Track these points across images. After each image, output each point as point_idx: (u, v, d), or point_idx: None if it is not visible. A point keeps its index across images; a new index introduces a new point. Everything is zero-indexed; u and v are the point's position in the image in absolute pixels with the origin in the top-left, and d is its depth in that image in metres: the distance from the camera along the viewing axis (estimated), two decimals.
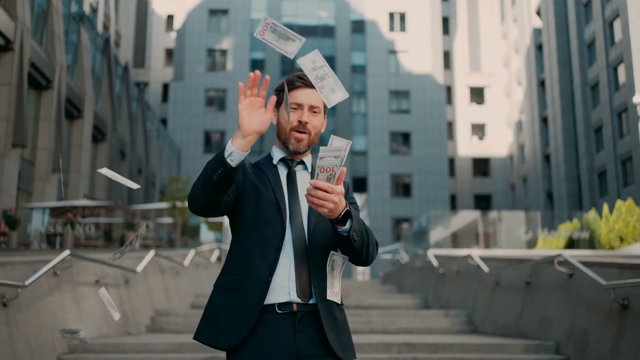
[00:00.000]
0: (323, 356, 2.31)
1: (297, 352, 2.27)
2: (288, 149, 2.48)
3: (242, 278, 2.32)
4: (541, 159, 48.58)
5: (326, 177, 2.16)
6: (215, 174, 2.16)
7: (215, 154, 2.21)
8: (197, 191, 2.23)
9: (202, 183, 2.20)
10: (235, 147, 2.16)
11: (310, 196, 2.18)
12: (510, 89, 56.08)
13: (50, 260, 6.76)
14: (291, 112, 2.45)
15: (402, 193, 48.73)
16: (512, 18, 56.00)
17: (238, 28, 51.00)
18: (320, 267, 2.36)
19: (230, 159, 2.14)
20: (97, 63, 31.84)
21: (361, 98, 50.81)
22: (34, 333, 6.23)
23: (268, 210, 2.37)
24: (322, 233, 2.39)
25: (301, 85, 2.48)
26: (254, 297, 2.28)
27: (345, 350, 2.36)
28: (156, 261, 11.12)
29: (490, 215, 28.24)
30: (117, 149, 32.67)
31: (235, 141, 2.17)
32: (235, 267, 2.37)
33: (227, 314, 2.31)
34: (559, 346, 7.05)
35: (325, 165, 2.14)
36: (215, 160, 2.18)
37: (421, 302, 12.81)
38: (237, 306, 2.30)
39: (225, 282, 2.39)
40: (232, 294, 2.32)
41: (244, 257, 2.36)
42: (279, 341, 2.27)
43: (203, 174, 2.21)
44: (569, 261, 7.10)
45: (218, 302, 2.36)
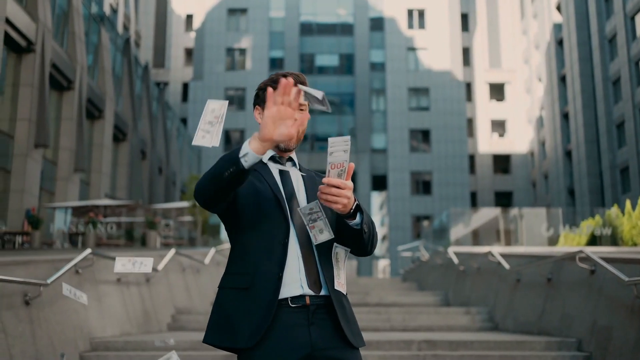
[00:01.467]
0: (337, 348, 2.32)
1: (312, 345, 2.28)
2: (278, 146, 2.48)
3: (251, 277, 2.31)
4: (562, 155, 48.18)
5: (337, 173, 2.19)
6: (226, 171, 2.14)
7: (230, 151, 2.19)
8: (205, 184, 2.23)
9: (211, 177, 2.20)
10: (252, 148, 2.13)
11: (323, 194, 2.21)
12: (531, 85, 55.66)
13: (72, 259, 6.82)
14: None
15: (422, 190, 48.56)
16: (532, 13, 55.56)
17: (257, 27, 51.09)
18: (326, 258, 2.39)
19: (244, 159, 2.12)
20: (118, 63, 32.07)
21: (380, 96, 50.70)
22: (57, 331, 6.29)
23: (268, 207, 2.37)
24: None
25: None
26: (268, 294, 2.27)
27: (357, 339, 2.38)
28: (177, 259, 11.18)
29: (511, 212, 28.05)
30: (137, 148, 32.89)
31: (252, 143, 2.14)
32: (241, 266, 2.35)
33: (240, 314, 2.28)
34: (581, 343, 6.99)
35: (336, 161, 2.17)
36: (228, 157, 2.16)
37: (442, 300, 12.76)
38: (250, 305, 2.28)
39: (233, 282, 2.36)
40: (243, 293, 2.30)
41: (249, 256, 2.35)
42: (294, 335, 2.27)
43: (214, 169, 2.19)
44: (590, 257, 7.04)
45: (228, 303, 2.33)
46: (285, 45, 51.17)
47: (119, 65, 32.27)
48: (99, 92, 28.17)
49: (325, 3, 52.57)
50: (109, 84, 29.22)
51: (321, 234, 2.30)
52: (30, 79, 21.24)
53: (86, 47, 26.82)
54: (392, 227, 47.49)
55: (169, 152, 40.11)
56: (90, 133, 27.93)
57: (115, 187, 31.29)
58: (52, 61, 22.75)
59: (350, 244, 2.42)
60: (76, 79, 24.77)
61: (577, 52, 45.53)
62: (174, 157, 41.92)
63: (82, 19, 26.30)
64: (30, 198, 21.03)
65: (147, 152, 35.32)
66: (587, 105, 44.48)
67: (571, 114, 46.64)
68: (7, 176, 20.70)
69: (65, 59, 24.19)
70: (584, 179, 44.17)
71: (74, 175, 24.76)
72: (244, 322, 2.26)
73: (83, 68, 25.42)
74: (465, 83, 53.45)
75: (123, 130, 31.52)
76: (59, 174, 24.27)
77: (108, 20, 31.39)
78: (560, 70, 49.35)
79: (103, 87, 28.68)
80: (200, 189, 2.26)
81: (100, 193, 27.65)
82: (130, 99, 32.66)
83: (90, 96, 26.70)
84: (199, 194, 2.27)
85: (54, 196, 24.00)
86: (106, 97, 28.69)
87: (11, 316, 5.48)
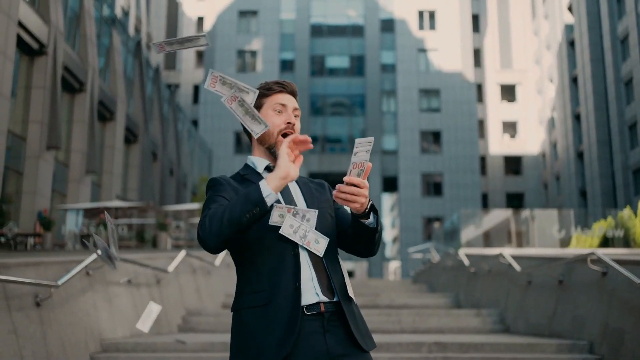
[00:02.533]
0: (351, 354, 2.31)
1: (328, 352, 2.26)
2: (274, 155, 2.46)
3: (268, 293, 2.27)
4: (574, 156, 47.95)
5: (357, 173, 2.21)
6: (248, 213, 2.12)
7: (243, 194, 2.17)
8: (220, 229, 2.15)
9: (229, 222, 2.14)
10: (272, 187, 2.14)
11: (342, 193, 2.21)
12: (542, 86, 55.45)
13: (82, 260, 6.85)
14: (276, 115, 2.47)
15: (433, 192, 48.48)
16: (543, 14, 55.35)
17: (267, 29, 51.18)
18: (332, 263, 2.39)
19: (267, 199, 2.13)
20: (129, 65, 32.21)
21: (391, 97, 50.66)
22: (67, 332, 6.31)
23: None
24: (325, 231, 2.40)
25: (281, 90, 2.51)
26: (288, 306, 2.24)
27: (368, 342, 2.37)
28: (187, 261, 11.20)
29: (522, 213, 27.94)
30: (148, 150, 33.00)
31: (271, 182, 2.14)
32: (256, 284, 2.31)
33: (262, 331, 2.24)
34: (593, 346, 6.95)
35: (358, 161, 2.19)
36: (248, 200, 2.14)
37: (452, 302, 12.72)
38: (272, 320, 2.24)
39: (249, 302, 2.31)
40: (261, 310, 2.26)
41: (262, 272, 2.31)
42: (311, 344, 2.25)
43: (230, 214, 2.14)
44: (602, 259, 6.99)
45: (248, 322, 2.28)
46: (295, 47, 51.22)
47: (130, 67, 32.39)
48: (111, 94, 28.29)
49: (336, 5, 52.60)
50: (121, 86, 29.34)
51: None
52: (42, 82, 21.37)
53: (98, 49, 26.94)
54: (402, 229, 47.42)
55: (179, 153, 40.22)
56: (101, 135, 28.06)
57: (127, 188, 31.41)
58: (64, 63, 22.87)
59: (360, 244, 2.42)
60: (88, 81, 24.89)
61: (588, 52, 45.32)
62: (184, 159, 42.03)
63: (93, 22, 26.42)
64: (42, 200, 21.15)
65: (158, 153, 35.43)
66: (599, 106, 44.26)
67: (583, 115, 46.42)
68: (20, 178, 20.82)
69: (77, 62, 24.31)
70: (596, 180, 43.94)
71: (85, 177, 24.87)
72: (267, 339, 2.22)
73: (95, 70, 25.54)
74: (476, 84, 53.33)
75: (134, 132, 31.64)
76: (70, 176, 24.39)
77: (119, 23, 31.53)
78: (571, 71, 49.13)
79: (114, 89, 28.81)
80: (214, 234, 2.17)
81: (112, 195, 27.76)
82: (141, 101, 32.78)
83: (102, 98, 26.82)
84: (213, 239, 2.18)
85: (66, 198, 24.12)
86: (117, 99, 28.81)
87: (22, 317, 5.50)
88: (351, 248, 2.49)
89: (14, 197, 20.19)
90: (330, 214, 2.49)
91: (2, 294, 5.31)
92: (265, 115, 2.46)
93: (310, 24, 52.00)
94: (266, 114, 2.46)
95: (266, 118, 2.45)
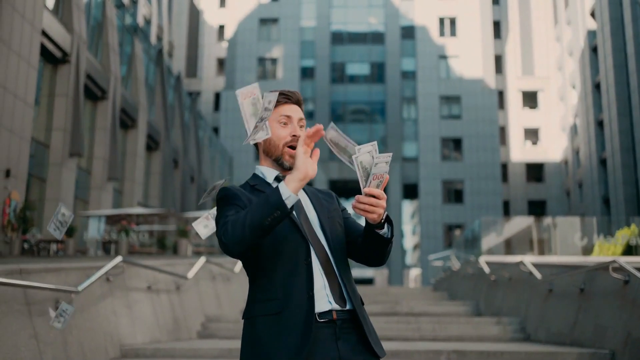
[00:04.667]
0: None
1: (340, 359, 2.27)
2: (282, 165, 2.47)
3: (281, 301, 2.28)
4: (597, 163, 47.46)
5: (376, 184, 2.23)
6: (269, 217, 2.12)
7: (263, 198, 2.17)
8: (243, 235, 2.15)
9: (250, 227, 2.14)
10: (292, 189, 2.14)
11: (361, 204, 2.22)
12: (565, 93, 55.00)
13: (103, 267, 6.90)
14: (281, 127, 2.47)
15: (454, 199, 48.25)
16: (565, 20, 54.97)
17: (288, 36, 51.36)
18: (344, 272, 2.40)
19: (287, 201, 2.13)
20: (151, 73, 32.47)
21: (411, 104, 50.56)
22: (87, 338, 6.36)
23: (286, 229, 2.34)
24: (337, 240, 2.43)
25: (286, 100, 2.50)
26: (302, 314, 2.25)
27: (379, 348, 2.38)
28: (207, 267, 11.24)
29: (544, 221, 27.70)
30: (170, 157, 33.22)
31: (290, 184, 2.15)
32: (269, 292, 2.32)
33: (275, 339, 2.25)
34: (614, 355, 6.86)
35: (379, 172, 2.21)
36: (269, 204, 2.14)
37: (472, 310, 12.63)
38: (286, 329, 2.24)
39: (262, 310, 2.32)
40: (274, 318, 2.27)
41: (274, 280, 2.32)
42: (324, 351, 2.26)
43: (251, 218, 2.14)
44: (624, 267, 6.91)
45: (261, 330, 2.29)
46: (316, 55, 51.33)
47: (152, 75, 32.66)
48: (132, 101, 28.53)
49: (356, 12, 52.67)
50: (142, 94, 29.58)
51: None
52: (65, 89, 21.62)
53: (120, 57, 27.20)
54: (423, 236, 47.22)
55: (200, 161, 40.44)
56: (123, 142, 28.29)
57: (148, 195, 31.62)
58: (87, 72, 23.12)
59: (371, 253, 2.44)
60: (110, 89, 25.13)
61: (611, 59, 44.89)
62: (205, 166, 42.24)
63: (116, 30, 26.70)
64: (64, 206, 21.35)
65: (180, 161, 35.65)
66: (622, 112, 43.78)
67: (606, 122, 45.96)
68: (43, 185, 21.06)
69: (99, 70, 24.56)
70: (619, 187, 43.43)
71: (107, 183, 25.09)
72: (281, 347, 2.23)
73: (117, 78, 25.79)
74: (498, 91, 53.06)
75: (156, 140, 31.87)
76: (93, 183, 24.61)
77: (141, 31, 31.81)
78: (594, 78, 48.69)
79: (136, 97, 29.05)
80: (238, 240, 2.17)
81: (133, 201, 27.97)
82: (162, 108, 33.02)
83: (124, 106, 27.06)
84: (237, 245, 2.19)
85: (88, 204, 24.34)
86: (139, 107, 29.05)
87: (43, 322, 5.56)
88: (361, 257, 2.50)
89: (37, 204, 20.41)
90: (339, 222, 2.52)
91: (24, 299, 5.38)
92: (271, 127, 2.45)
93: (331, 31, 52.11)
94: (271, 126, 2.45)
95: (272, 131, 2.45)
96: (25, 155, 18.33)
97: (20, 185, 17.98)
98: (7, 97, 17.17)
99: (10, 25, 17.32)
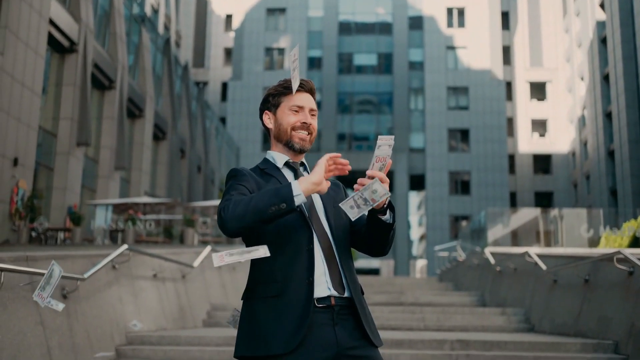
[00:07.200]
0: (361, 347, 2.36)
1: (338, 344, 2.31)
2: (293, 148, 2.51)
3: (281, 284, 2.32)
4: (605, 155, 47.27)
5: (379, 167, 2.26)
6: (273, 206, 2.16)
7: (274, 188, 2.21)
8: (243, 214, 2.19)
9: (254, 210, 2.18)
10: (302, 189, 2.19)
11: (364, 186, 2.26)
12: (573, 84, 54.74)
13: (108, 254, 6.95)
14: (293, 114, 2.52)
15: (461, 190, 48.19)
16: (574, 11, 54.64)
17: (295, 26, 51.26)
18: (345, 260, 2.43)
19: (296, 199, 2.17)
20: (158, 63, 32.48)
21: (419, 95, 50.44)
22: (93, 325, 6.42)
23: (291, 215, 2.35)
24: (340, 229, 2.47)
25: (300, 89, 2.55)
26: (301, 298, 2.29)
27: (376, 337, 2.42)
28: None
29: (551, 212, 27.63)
30: (177, 147, 33.27)
31: (303, 184, 2.19)
32: (269, 275, 2.35)
33: (272, 322, 2.28)
34: (618, 345, 6.87)
35: (381, 155, 2.24)
36: (277, 193, 2.18)
37: (477, 300, 12.66)
38: (283, 311, 2.28)
39: (262, 292, 2.35)
40: (273, 301, 2.31)
41: (276, 264, 2.35)
42: (321, 335, 2.30)
43: (256, 202, 2.18)
44: (628, 258, 6.91)
45: (259, 313, 2.32)
46: (323, 45, 51.23)
47: (159, 65, 32.67)
48: (140, 91, 28.56)
49: (364, 2, 52.49)
50: (149, 84, 29.61)
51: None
52: (73, 79, 21.66)
53: (127, 47, 27.21)
54: (429, 227, 47.21)
55: (207, 151, 40.48)
56: (130, 132, 28.34)
57: (155, 185, 31.70)
58: (94, 61, 23.14)
59: (374, 241, 2.46)
60: (117, 78, 25.16)
61: (620, 50, 44.62)
62: (212, 156, 42.29)
63: (123, 20, 26.70)
64: (72, 195, 21.45)
65: (186, 150, 35.70)
66: (630, 104, 43.56)
67: (614, 114, 45.74)
68: (50, 174, 21.14)
69: (106, 59, 24.59)
70: (627, 179, 43.27)
71: (114, 173, 25.16)
72: (277, 329, 2.26)
73: (124, 68, 25.81)
74: (506, 82, 52.86)
75: (163, 129, 31.91)
76: (100, 172, 24.69)
77: (149, 21, 31.81)
78: (603, 69, 48.43)
79: (143, 87, 29.08)
80: (236, 217, 2.20)
81: (140, 191, 28.04)
82: (170, 98, 33.05)
83: (131, 95, 27.09)
84: (234, 222, 2.21)
85: (95, 194, 24.42)
86: (146, 97, 29.08)
87: (49, 309, 5.60)
88: (364, 247, 2.53)
89: (45, 193, 20.50)
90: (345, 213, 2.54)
91: (30, 286, 5.42)
92: (283, 114, 2.53)
93: (339, 22, 51.96)
94: (283, 113, 2.53)
95: (283, 117, 2.53)
96: (32, 144, 18.40)
97: (27, 174, 18.07)
98: (14, 86, 17.22)
99: (18, 14, 17.36)
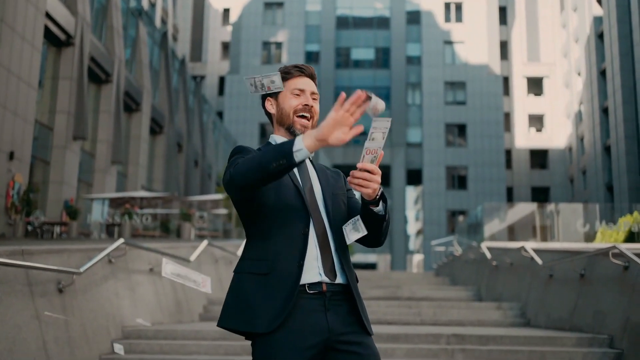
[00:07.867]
0: (353, 332, 2.37)
1: (329, 330, 2.32)
2: (294, 134, 2.50)
3: (271, 263, 2.33)
4: (601, 150, 47.34)
5: (371, 159, 2.24)
6: (275, 162, 2.15)
7: (279, 144, 2.19)
8: (247, 171, 2.21)
9: (257, 166, 2.18)
10: (305, 145, 2.14)
11: (356, 178, 2.25)
12: (570, 80, 54.76)
13: (105, 249, 6.94)
14: (294, 97, 2.52)
15: (458, 185, 48.23)
16: (571, 6, 54.61)
17: (293, 21, 51.17)
18: (340, 248, 2.44)
19: (296, 154, 2.13)
20: (155, 57, 32.42)
21: (416, 89, 50.42)
22: (89, 319, 6.41)
23: (289, 197, 2.39)
24: (337, 217, 2.47)
25: (300, 74, 2.56)
26: (289, 280, 2.30)
27: (369, 325, 2.44)
28: (209, 251, 11.29)
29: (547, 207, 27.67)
30: (174, 141, 33.24)
31: (307, 140, 2.15)
32: (261, 253, 2.37)
33: (259, 299, 2.30)
34: (613, 340, 6.90)
35: (372, 147, 2.21)
36: (280, 149, 2.16)
37: (474, 295, 12.68)
38: (270, 290, 2.30)
39: (251, 268, 2.37)
40: (262, 279, 2.33)
41: (269, 243, 2.37)
42: (311, 321, 2.31)
43: (260, 158, 2.18)
44: (624, 253, 6.94)
45: (246, 288, 2.35)
46: (321, 39, 51.15)
47: (156, 58, 32.61)
48: (137, 85, 28.51)
49: None
50: (146, 78, 29.55)
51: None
52: (69, 72, 21.61)
53: (124, 40, 27.16)
54: (426, 222, 47.26)
55: (204, 145, 40.45)
56: (127, 126, 28.31)
57: (152, 179, 31.67)
58: (91, 55, 23.09)
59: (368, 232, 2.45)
60: (114, 72, 25.11)
61: (617, 46, 44.63)
62: (209, 150, 42.26)
63: (120, 13, 26.63)
64: (68, 189, 21.42)
65: (184, 145, 35.67)
66: (627, 100, 43.59)
67: (611, 109, 45.77)
68: (47, 167, 21.11)
69: (103, 53, 24.53)
70: (623, 175, 43.34)
71: (111, 167, 25.13)
72: (263, 307, 2.29)
73: (121, 61, 25.76)
74: (503, 77, 52.84)
75: (160, 123, 31.87)
76: (96, 166, 24.66)
77: (146, 14, 31.73)
78: (600, 65, 48.44)
79: (140, 81, 29.03)
80: (240, 174, 2.23)
81: (137, 185, 28.02)
82: (167, 92, 33.00)
83: (128, 89, 27.04)
84: (238, 178, 2.23)
85: (92, 187, 24.40)
86: (143, 90, 29.03)
87: (45, 303, 5.61)
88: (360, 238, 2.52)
89: (41, 186, 20.47)
90: (343, 201, 2.56)
91: (26, 280, 5.42)
92: (284, 98, 2.54)
93: (336, 16, 51.87)
94: (285, 97, 2.54)
95: (284, 101, 2.53)
96: (29, 138, 18.37)
97: (23, 168, 18.04)
98: (11, 80, 17.18)
99: (14, 7, 17.30)
